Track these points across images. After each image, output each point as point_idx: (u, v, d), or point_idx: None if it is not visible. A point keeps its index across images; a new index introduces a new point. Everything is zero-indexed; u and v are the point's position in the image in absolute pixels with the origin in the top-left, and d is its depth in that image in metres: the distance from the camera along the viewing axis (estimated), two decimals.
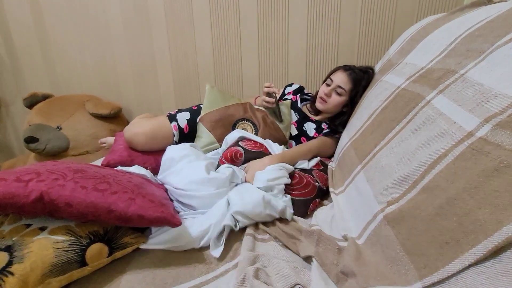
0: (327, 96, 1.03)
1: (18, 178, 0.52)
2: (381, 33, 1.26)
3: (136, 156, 0.97)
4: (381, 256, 0.50)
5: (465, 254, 0.35)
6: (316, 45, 1.34)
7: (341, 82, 1.00)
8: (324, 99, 1.03)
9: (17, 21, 1.62)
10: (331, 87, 1.02)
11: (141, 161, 0.97)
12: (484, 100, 0.44)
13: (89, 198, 0.53)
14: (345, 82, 1.00)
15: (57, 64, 1.67)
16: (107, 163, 0.94)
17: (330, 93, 1.02)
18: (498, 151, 0.38)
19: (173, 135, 1.03)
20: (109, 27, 1.54)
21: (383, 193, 0.57)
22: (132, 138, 0.97)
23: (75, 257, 0.49)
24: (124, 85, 1.64)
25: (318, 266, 0.52)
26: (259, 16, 1.36)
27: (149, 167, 0.96)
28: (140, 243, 0.59)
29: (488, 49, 0.50)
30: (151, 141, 0.98)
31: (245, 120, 1.06)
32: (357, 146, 0.79)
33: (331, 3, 1.27)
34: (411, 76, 0.71)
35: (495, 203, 0.35)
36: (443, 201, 0.42)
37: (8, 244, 0.49)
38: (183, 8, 1.43)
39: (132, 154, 0.97)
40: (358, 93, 1.00)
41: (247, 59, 1.44)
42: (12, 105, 1.83)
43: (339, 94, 1.01)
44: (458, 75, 0.53)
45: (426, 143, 0.51)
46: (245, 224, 0.67)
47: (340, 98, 1.02)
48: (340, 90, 1.01)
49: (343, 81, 1.00)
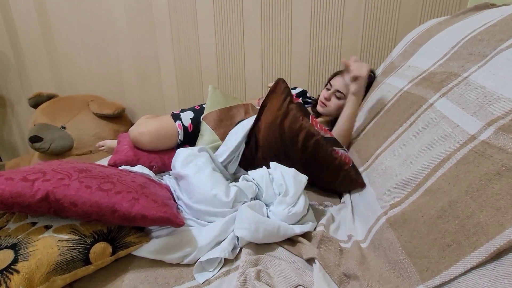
0: (327, 100, 1.06)
1: (25, 177, 0.52)
2: (384, 35, 1.26)
3: (142, 155, 0.98)
4: (384, 259, 0.50)
5: (467, 256, 0.35)
6: (319, 47, 1.34)
7: (340, 87, 1.03)
8: (324, 103, 1.06)
9: (23, 21, 1.65)
10: (330, 91, 1.05)
11: (146, 160, 0.97)
12: (487, 104, 0.44)
13: (93, 197, 0.54)
14: (343, 86, 1.03)
15: (62, 64, 1.69)
16: (114, 162, 0.95)
17: (329, 97, 1.05)
18: (501, 154, 0.38)
19: (177, 134, 1.04)
20: (114, 28, 1.55)
21: (386, 195, 0.57)
22: (138, 137, 0.98)
23: (79, 255, 0.50)
24: (128, 85, 1.66)
25: (320, 267, 0.52)
26: (263, 18, 1.37)
27: (155, 166, 0.96)
28: (143, 243, 0.59)
29: (490, 53, 0.50)
30: (157, 140, 0.99)
31: None
32: (359, 149, 0.79)
33: (335, 6, 1.27)
34: (414, 78, 0.71)
35: (497, 206, 0.35)
36: (445, 204, 0.42)
37: (13, 242, 0.49)
38: (187, 9, 1.44)
39: (138, 153, 0.98)
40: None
41: (250, 60, 1.45)
42: (17, 104, 1.85)
43: (338, 98, 1.04)
44: (461, 78, 0.54)
45: (429, 146, 0.52)
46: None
47: (339, 101, 1.04)
48: (339, 94, 1.03)
49: (341, 86, 1.03)
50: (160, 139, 1.00)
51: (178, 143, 1.04)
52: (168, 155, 1.02)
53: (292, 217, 0.64)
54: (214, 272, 0.56)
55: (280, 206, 0.65)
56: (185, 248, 0.58)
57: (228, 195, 0.67)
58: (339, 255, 0.56)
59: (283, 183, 0.67)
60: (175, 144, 1.04)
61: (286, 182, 0.68)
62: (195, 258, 0.58)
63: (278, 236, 0.60)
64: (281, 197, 0.66)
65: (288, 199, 0.66)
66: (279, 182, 0.68)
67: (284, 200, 0.66)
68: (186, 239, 0.60)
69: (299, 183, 0.68)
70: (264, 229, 0.59)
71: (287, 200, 0.66)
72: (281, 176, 0.69)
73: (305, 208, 0.66)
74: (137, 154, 0.97)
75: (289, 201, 0.65)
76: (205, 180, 0.70)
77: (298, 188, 0.67)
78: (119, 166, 0.92)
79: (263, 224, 0.60)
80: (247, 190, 0.70)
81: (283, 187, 0.67)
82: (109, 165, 0.94)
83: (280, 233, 0.60)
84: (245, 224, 0.60)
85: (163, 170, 0.99)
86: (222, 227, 0.62)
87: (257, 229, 0.59)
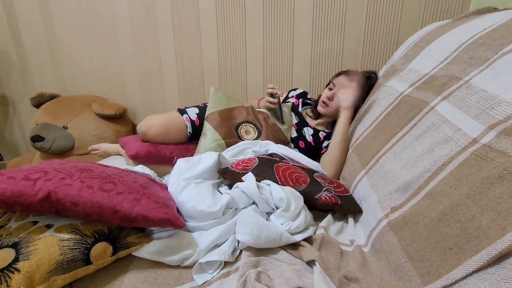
0: (329, 99, 1.04)
1: (27, 176, 0.53)
2: (385, 39, 1.26)
3: (162, 147, 0.99)
4: (385, 262, 0.50)
5: (468, 260, 0.35)
6: (320, 50, 1.35)
7: (343, 87, 1.01)
8: (326, 103, 1.04)
9: (27, 22, 1.66)
10: (333, 91, 1.03)
11: (167, 151, 0.98)
12: (489, 107, 0.44)
13: (95, 198, 0.54)
14: (346, 86, 1.01)
15: (64, 65, 1.70)
16: (136, 153, 0.94)
17: (331, 97, 1.03)
18: (502, 158, 0.38)
19: (186, 126, 1.05)
20: (117, 30, 1.56)
21: (387, 198, 0.57)
22: (147, 130, 0.98)
23: (80, 255, 0.50)
24: (130, 87, 1.66)
25: (321, 270, 0.52)
26: (265, 21, 1.37)
27: (176, 157, 0.96)
28: (143, 243, 0.59)
29: (492, 57, 0.50)
30: (166, 131, 1.00)
31: (248, 122, 1.07)
32: (360, 152, 0.79)
33: (336, 9, 1.28)
34: (415, 82, 0.71)
35: (499, 210, 0.35)
36: (446, 207, 0.42)
37: (14, 241, 0.49)
38: (190, 12, 1.44)
39: (157, 145, 0.99)
40: (359, 97, 1.00)
41: (252, 63, 1.45)
42: (19, 104, 1.86)
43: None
44: (463, 82, 0.54)
45: (430, 149, 0.52)
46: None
47: None
48: None
49: (344, 86, 1.01)
50: (170, 131, 1.01)
51: (188, 136, 1.05)
52: (186, 147, 1.04)
53: (292, 232, 0.63)
54: (213, 274, 0.56)
55: (279, 220, 0.64)
56: (185, 250, 0.58)
57: (215, 205, 0.65)
58: (340, 258, 0.56)
59: (283, 198, 0.64)
60: (185, 137, 1.05)
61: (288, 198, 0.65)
62: (195, 261, 0.57)
63: (280, 242, 0.60)
64: (281, 211, 0.64)
65: (289, 214, 0.64)
66: (279, 197, 0.65)
67: (285, 215, 0.64)
68: (186, 241, 0.60)
69: (298, 198, 0.67)
70: (267, 235, 0.59)
71: (288, 215, 0.64)
72: (280, 190, 0.66)
73: (305, 223, 0.64)
74: (156, 146, 0.98)
75: (289, 216, 0.64)
76: (189, 197, 0.67)
77: (298, 203, 0.66)
78: (142, 156, 0.94)
79: (265, 230, 0.59)
80: (239, 200, 0.67)
81: (283, 202, 0.64)
82: (130, 156, 0.95)
83: (283, 240, 0.60)
84: (247, 229, 0.59)
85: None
86: (222, 230, 0.62)
87: (259, 235, 0.58)
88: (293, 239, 0.61)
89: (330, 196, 0.69)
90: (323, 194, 0.69)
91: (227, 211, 0.67)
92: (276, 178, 0.71)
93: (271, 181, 0.70)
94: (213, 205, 0.65)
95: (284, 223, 0.63)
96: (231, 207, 0.68)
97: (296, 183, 0.71)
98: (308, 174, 0.75)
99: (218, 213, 0.65)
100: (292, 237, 0.61)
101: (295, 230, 0.63)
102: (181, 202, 0.67)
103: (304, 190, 0.70)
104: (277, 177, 0.71)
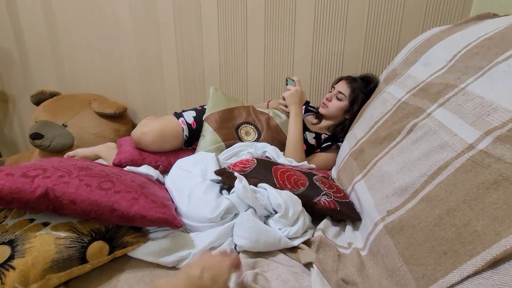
0: (328, 100, 1.11)
1: (25, 173, 0.53)
2: (386, 42, 1.27)
3: (147, 155, 0.94)
4: (382, 266, 0.50)
5: (463, 265, 0.36)
6: (321, 52, 1.35)
7: (342, 88, 1.09)
8: (325, 103, 1.12)
9: (28, 19, 1.66)
10: (332, 92, 1.12)
11: (152, 159, 0.93)
12: (485, 114, 0.45)
13: (93, 196, 0.54)
14: (345, 88, 1.08)
15: (65, 62, 1.70)
16: (119, 161, 0.91)
17: (331, 98, 1.11)
18: (498, 164, 0.38)
19: (182, 130, 1.02)
20: (118, 29, 1.56)
21: (383, 201, 0.57)
22: (141, 137, 0.95)
23: (76, 254, 0.50)
24: (130, 85, 1.67)
25: (318, 272, 0.52)
26: (266, 22, 1.38)
27: (161, 165, 0.93)
28: (140, 243, 0.59)
29: (486, 66, 0.51)
30: (161, 140, 0.96)
31: (248, 123, 1.07)
32: (357, 156, 0.80)
33: (338, 11, 1.28)
34: (412, 89, 0.71)
35: (494, 215, 0.35)
36: (442, 212, 0.42)
37: (10, 238, 0.49)
38: (192, 12, 1.45)
39: (143, 153, 0.95)
40: (357, 99, 1.05)
41: (253, 64, 1.46)
42: (19, 101, 1.86)
43: (339, 99, 1.09)
44: (458, 89, 0.54)
45: (427, 154, 0.52)
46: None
47: (340, 102, 1.09)
48: (341, 96, 1.08)
49: (343, 88, 1.09)
50: (165, 139, 0.97)
51: (184, 139, 1.03)
52: (174, 155, 0.99)
53: (290, 237, 0.63)
54: None
55: (277, 225, 0.64)
56: (180, 252, 0.58)
57: (214, 211, 0.64)
58: (337, 260, 0.56)
59: (281, 204, 0.63)
60: (181, 142, 1.03)
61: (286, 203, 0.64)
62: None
63: (278, 247, 0.60)
64: (279, 217, 0.63)
65: (287, 220, 0.63)
66: (277, 202, 0.64)
67: (283, 221, 0.63)
68: (182, 243, 0.60)
69: (296, 203, 0.66)
70: (265, 240, 0.59)
71: (286, 221, 0.63)
72: (278, 196, 0.65)
73: (304, 228, 0.64)
74: (142, 154, 0.95)
75: (288, 222, 0.63)
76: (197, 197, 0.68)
77: (296, 208, 0.65)
78: (124, 165, 0.89)
79: (264, 235, 0.59)
80: (239, 205, 0.66)
81: (281, 208, 0.63)
82: (113, 165, 0.91)
83: (281, 244, 0.60)
84: (246, 234, 0.59)
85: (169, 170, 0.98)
86: (220, 233, 0.61)
87: (257, 240, 0.58)
88: (292, 244, 0.61)
89: (329, 201, 0.69)
90: (321, 198, 0.69)
91: (227, 216, 0.67)
92: (274, 181, 0.71)
93: (269, 183, 0.70)
94: (214, 210, 0.65)
95: (283, 228, 0.63)
96: (231, 213, 0.67)
97: (294, 186, 0.70)
98: (307, 177, 0.75)
99: (216, 219, 0.64)
100: (290, 242, 0.61)
101: (294, 235, 0.63)
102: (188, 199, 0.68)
103: (302, 193, 0.70)
104: (275, 179, 0.71)
